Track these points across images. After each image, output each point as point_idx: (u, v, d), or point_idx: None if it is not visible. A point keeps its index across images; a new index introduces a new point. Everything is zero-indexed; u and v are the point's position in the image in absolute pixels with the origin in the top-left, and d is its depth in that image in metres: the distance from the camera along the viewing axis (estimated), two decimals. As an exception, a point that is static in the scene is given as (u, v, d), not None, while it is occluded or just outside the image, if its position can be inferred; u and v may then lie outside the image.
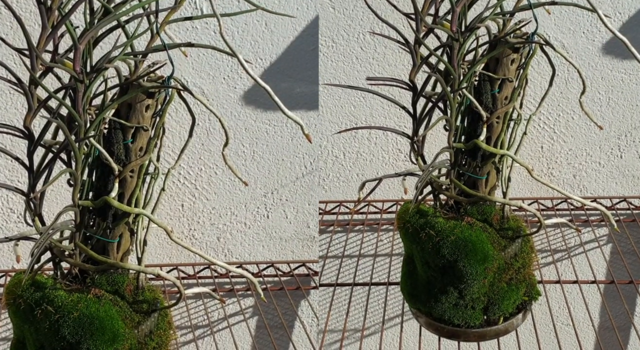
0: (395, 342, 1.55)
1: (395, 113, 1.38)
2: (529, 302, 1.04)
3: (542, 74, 1.35)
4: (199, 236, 1.30)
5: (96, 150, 0.80)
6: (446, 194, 0.99)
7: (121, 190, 0.82)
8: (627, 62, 1.37)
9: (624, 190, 1.45)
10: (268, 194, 1.29)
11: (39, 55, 0.69)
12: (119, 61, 0.75)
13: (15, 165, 1.20)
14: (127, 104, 0.79)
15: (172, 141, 1.21)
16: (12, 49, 0.72)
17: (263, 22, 1.17)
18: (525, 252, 1.01)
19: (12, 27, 1.11)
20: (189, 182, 1.26)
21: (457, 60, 0.90)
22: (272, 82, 1.05)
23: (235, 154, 1.26)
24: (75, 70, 0.71)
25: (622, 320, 1.51)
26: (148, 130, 0.81)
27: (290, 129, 1.25)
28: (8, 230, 1.23)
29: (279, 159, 1.27)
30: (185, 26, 1.15)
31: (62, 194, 1.20)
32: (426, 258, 0.98)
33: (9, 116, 1.17)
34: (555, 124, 1.40)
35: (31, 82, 0.71)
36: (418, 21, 0.86)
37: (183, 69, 1.18)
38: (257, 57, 1.19)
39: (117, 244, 0.84)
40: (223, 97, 1.21)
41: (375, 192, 1.05)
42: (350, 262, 1.48)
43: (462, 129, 0.98)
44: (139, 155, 0.81)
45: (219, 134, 1.24)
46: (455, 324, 1.01)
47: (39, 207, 0.78)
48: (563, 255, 1.47)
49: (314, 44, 1.19)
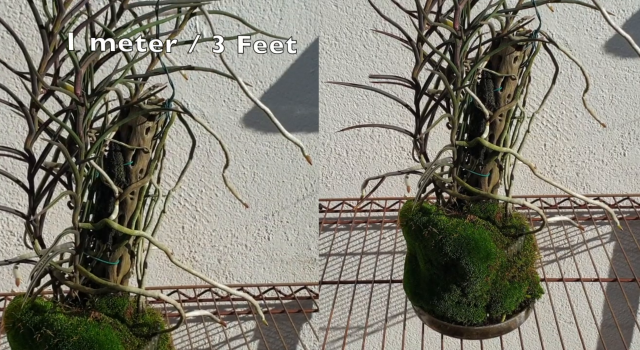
0: (398, 339, 1.55)
1: (398, 111, 1.38)
2: (532, 300, 1.04)
3: (545, 72, 1.35)
4: (199, 258, 1.30)
5: (97, 172, 0.80)
6: (449, 191, 0.99)
7: (121, 212, 0.82)
8: (630, 60, 1.37)
9: (627, 188, 1.45)
10: (269, 216, 1.29)
11: (40, 78, 0.70)
12: (120, 84, 0.76)
13: (15, 188, 1.20)
14: (127, 126, 0.80)
15: (172, 163, 1.22)
16: (14, 73, 0.73)
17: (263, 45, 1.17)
18: (528, 250, 1.01)
19: (14, 51, 1.12)
20: (189, 204, 1.27)
21: (460, 58, 0.90)
22: (272, 105, 1.05)
23: (235, 175, 1.26)
24: (76, 93, 0.72)
25: (625, 318, 1.51)
26: (148, 152, 0.81)
27: (291, 150, 1.26)
28: (8, 253, 1.23)
29: (279, 181, 1.27)
30: (185, 49, 1.16)
31: (62, 216, 1.20)
32: (429, 256, 0.98)
33: (10, 139, 1.17)
34: (558, 121, 1.40)
35: (32, 105, 0.72)
36: (421, 19, 0.86)
37: (183, 91, 1.19)
38: (257, 80, 1.20)
39: (117, 267, 0.84)
40: (223, 120, 1.22)
41: (378, 190, 1.05)
42: (353, 259, 1.49)
43: (464, 126, 0.98)
44: (139, 177, 0.81)
45: (220, 156, 1.24)
46: (458, 322, 1.01)
47: (39, 229, 0.78)
48: (566, 253, 1.47)
49: (313, 67, 1.19)
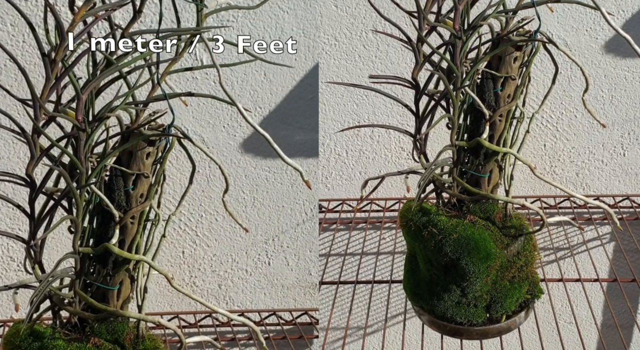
0: (398, 340, 1.55)
1: (397, 111, 1.38)
2: (532, 300, 1.04)
3: (544, 72, 1.35)
4: (200, 283, 1.30)
5: (97, 197, 0.80)
6: (449, 192, 0.99)
7: (122, 237, 0.82)
8: (630, 60, 1.37)
9: (627, 188, 1.45)
10: (269, 241, 1.29)
11: (42, 105, 0.71)
12: (121, 110, 0.77)
13: (16, 214, 1.21)
14: (128, 151, 0.80)
15: (172, 188, 1.22)
16: (16, 100, 0.74)
17: (262, 72, 1.18)
18: (528, 250, 1.01)
19: (17, 79, 1.13)
20: (189, 228, 1.27)
21: (460, 58, 0.90)
22: (272, 130, 1.06)
23: (235, 200, 1.26)
24: (77, 119, 0.73)
25: (625, 318, 1.51)
26: (149, 177, 0.81)
27: (290, 176, 1.26)
28: (8, 278, 1.24)
29: (279, 206, 1.28)
30: (185, 76, 1.17)
31: (62, 242, 1.20)
32: (429, 256, 0.98)
33: (12, 165, 1.18)
34: (558, 122, 1.40)
35: (34, 132, 0.72)
36: (421, 19, 0.86)
37: (183, 117, 1.19)
38: (256, 106, 1.20)
39: (117, 292, 0.84)
40: (223, 145, 1.22)
41: (377, 190, 1.05)
42: (353, 260, 1.49)
43: (464, 127, 0.98)
44: (139, 201, 0.82)
45: (219, 180, 1.24)
46: (457, 322, 1.01)
47: (39, 254, 0.79)
48: (566, 253, 1.47)
49: (312, 93, 1.20)
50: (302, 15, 1.14)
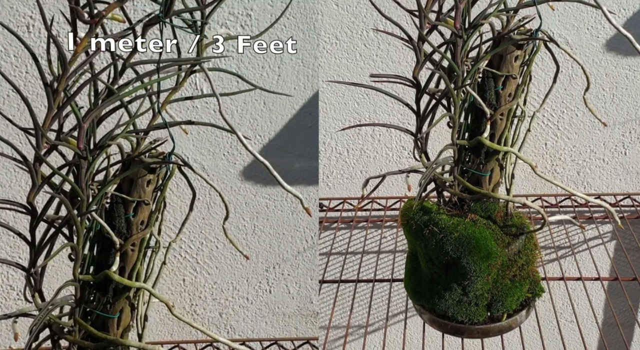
0: (399, 338, 1.55)
1: (398, 110, 1.38)
2: (533, 299, 1.04)
3: (546, 71, 1.34)
4: (200, 312, 1.30)
5: (98, 224, 0.81)
6: (450, 190, 0.99)
7: (122, 264, 0.82)
8: (631, 59, 1.37)
9: (628, 187, 1.45)
10: (270, 269, 1.29)
11: (44, 133, 0.71)
12: (122, 138, 0.77)
13: (17, 242, 1.21)
14: (129, 179, 0.81)
15: (173, 215, 1.23)
16: (18, 129, 0.74)
17: (261, 101, 1.18)
18: (529, 249, 1.01)
19: (19, 108, 1.14)
20: (190, 256, 1.27)
21: (461, 57, 0.90)
22: (271, 158, 1.06)
23: (236, 228, 1.26)
24: (79, 147, 0.73)
25: (626, 317, 1.51)
26: (149, 204, 0.82)
27: (290, 203, 1.26)
28: (7, 307, 1.24)
29: (279, 233, 1.28)
30: (186, 105, 1.17)
31: (62, 270, 1.21)
32: (430, 255, 0.98)
33: (13, 193, 1.19)
34: (559, 120, 1.40)
35: (36, 160, 0.73)
36: (421, 18, 0.86)
37: (184, 145, 1.20)
38: (256, 134, 1.21)
39: (117, 320, 0.84)
40: (223, 173, 1.22)
41: (378, 189, 1.05)
42: (354, 258, 1.49)
43: (465, 126, 0.98)
44: (140, 228, 0.82)
45: (220, 208, 1.25)
46: (458, 321, 1.01)
47: (40, 282, 0.79)
48: (567, 252, 1.47)
49: (312, 121, 1.20)
50: (301, 45, 1.15)
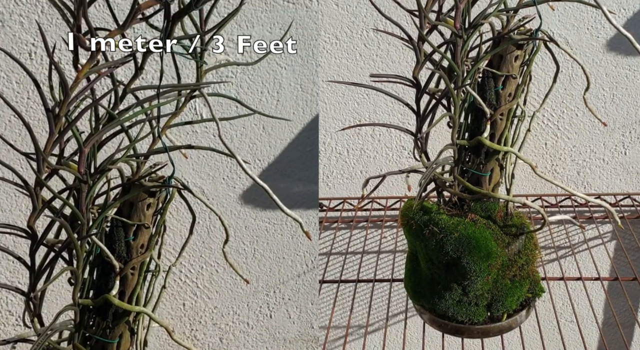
0: (399, 338, 1.55)
1: (398, 110, 1.38)
2: (533, 299, 1.04)
3: (546, 71, 1.34)
4: (201, 337, 1.30)
5: (97, 248, 0.81)
6: (450, 190, 0.99)
7: (122, 288, 0.82)
8: (631, 59, 1.37)
9: (628, 187, 1.45)
10: (270, 293, 1.29)
11: (46, 158, 0.72)
12: (122, 162, 0.78)
13: (16, 267, 1.22)
14: (129, 202, 0.81)
15: (173, 239, 1.23)
16: (20, 154, 0.75)
17: (260, 125, 1.19)
18: (529, 248, 1.01)
19: (21, 134, 1.15)
20: (190, 280, 1.27)
21: (461, 57, 0.90)
22: (271, 182, 1.06)
23: (236, 252, 1.26)
24: (79, 171, 0.74)
25: (626, 317, 1.51)
26: (149, 228, 0.82)
27: (290, 227, 1.26)
28: (6, 333, 1.24)
29: (279, 257, 1.28)
30: (185, 130, 1.18)
31: (62, 294, 1.21)
32: (430, 255, 0.98)
33: (13, 218, 1.19)
34: (559, 120, 1.40)
35: (37, 184, 0.73)
36: (422, 18, 0.86)
37: (184, 169, 1.20)
38: (255, 158, 1.21)
39: (116, 345, 0.83)
40: (223, 196, 1.23)
41: (378, 189, 1.05)
42: (354, 258, 1.49)
43: (465, 125, 0.98)
44: (140, 252, 0.82)
45: (220, 231, 1.25)
46: (458, 321, 1.01)
47: (39, 307, 0.79)
48: (567, 252, 1.47)
49: (311, 146, 1.20)
50: (300, 71, 1.15)
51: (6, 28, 1.09)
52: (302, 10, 1.09)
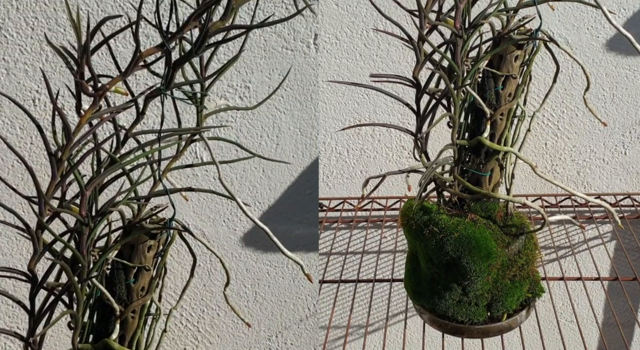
0: (399, 338, 1.55)
1: (398, 110, 1.38)
2: (533, 299, 1.04)
3: (546, 71, 1.34)
4: None
5: (98, 291, 0.81)
6: (450, 190, 0.99)
7: (122, 332, 0.82)
8: (631, 59, 1.37)
9: (628, 186, 1.45)
10: (272, 337, 1.29)
11: (47, 201, 0.72)
12: (123, 205, 0.78)
13: (16, 311, 1.22)
14: (130, 245, 0.81)
15: (174, 282, 1.23)
16: (22, 198, 0.75)
17: (260, 168, 1.19)
18: (529, 248, 1.01)
19: (23, 178, 1.16)
20: (191, 324, 1.26)
21: (461, 57, 0.90)
22: (271, 225, 1.06)
23: (237, 295, 1.26)
24: (81, 214, 0.74)
25: (626, 317, 1.51)
26: (150, 270, 0.82)
27: (291, 270, 1.26)
28: None
29: (281, 301, 1.27)
30: (186, 173, 1.18)
31: (61, 339, 1.21)
32: (430, 255, 0.98)
33: (14, 261, 1.19)
34: (559, 120, 1.40)
35: (38, 227, 0.74)
36: (422, 18, 0.86)
37: (184, 212, 1.20)
38: (255, 201, 1.21)
39: None
40: (223, 239, 1.23)
41: (378, 189, 1.05)
42: (354, 258, 1.49)
43: (465, 125, 0.98)
44: (140, 295, 0.82)
45: (221, 274, 1.25)
46: (458, 321, 1.01)
47: None
48: (567, 252, 1.47)
49: (311, 188, 1.21)
50: (299, 115, 1.16)
51: (11, 75, 1.10)
52: (300, 56, 1.10)
